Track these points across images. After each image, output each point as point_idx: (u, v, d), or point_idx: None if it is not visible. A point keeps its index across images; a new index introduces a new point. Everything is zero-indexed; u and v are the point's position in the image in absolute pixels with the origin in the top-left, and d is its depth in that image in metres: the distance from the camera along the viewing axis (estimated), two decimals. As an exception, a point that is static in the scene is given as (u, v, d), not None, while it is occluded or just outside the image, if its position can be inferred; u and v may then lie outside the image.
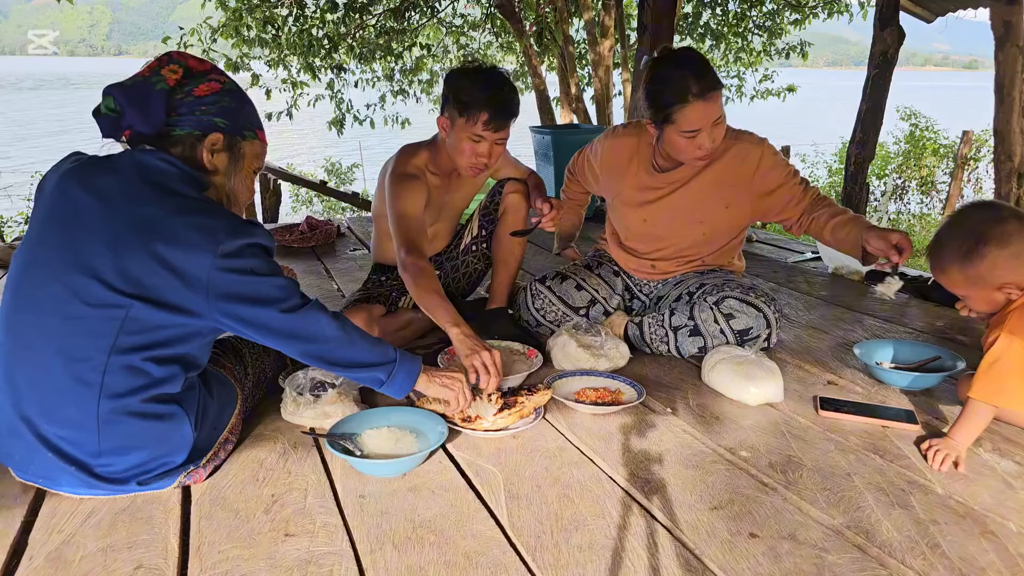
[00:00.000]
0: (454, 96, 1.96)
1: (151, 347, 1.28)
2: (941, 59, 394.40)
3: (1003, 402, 1.49)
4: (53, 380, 1.26)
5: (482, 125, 1.94)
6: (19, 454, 1.33)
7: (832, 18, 8.68)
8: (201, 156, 1.35)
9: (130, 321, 1.25)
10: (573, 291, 2.29)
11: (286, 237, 3.71)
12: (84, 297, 1.24)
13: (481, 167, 2.04)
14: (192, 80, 1.33)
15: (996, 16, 4.20)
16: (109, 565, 1.18)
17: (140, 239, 1.23)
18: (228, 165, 1.40)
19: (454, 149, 2.03)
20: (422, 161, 2.13)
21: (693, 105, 1.86)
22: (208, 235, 1.25)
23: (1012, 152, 4.25)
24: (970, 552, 1.22)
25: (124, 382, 1.27)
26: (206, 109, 1.34)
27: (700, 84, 1.85)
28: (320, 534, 1.27)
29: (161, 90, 1.30)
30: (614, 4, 7.22)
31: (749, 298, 2.03)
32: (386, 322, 2.16)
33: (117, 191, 1.27)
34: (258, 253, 1.31)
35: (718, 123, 1.92)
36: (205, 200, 1.32)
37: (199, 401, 1.40)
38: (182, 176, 1.31)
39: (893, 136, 9.71)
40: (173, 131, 1.33)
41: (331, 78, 8.01)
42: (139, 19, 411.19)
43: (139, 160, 1.30)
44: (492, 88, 1.94)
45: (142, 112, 1.29)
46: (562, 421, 1.71)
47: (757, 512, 1.33)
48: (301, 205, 11.19)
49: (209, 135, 1.35)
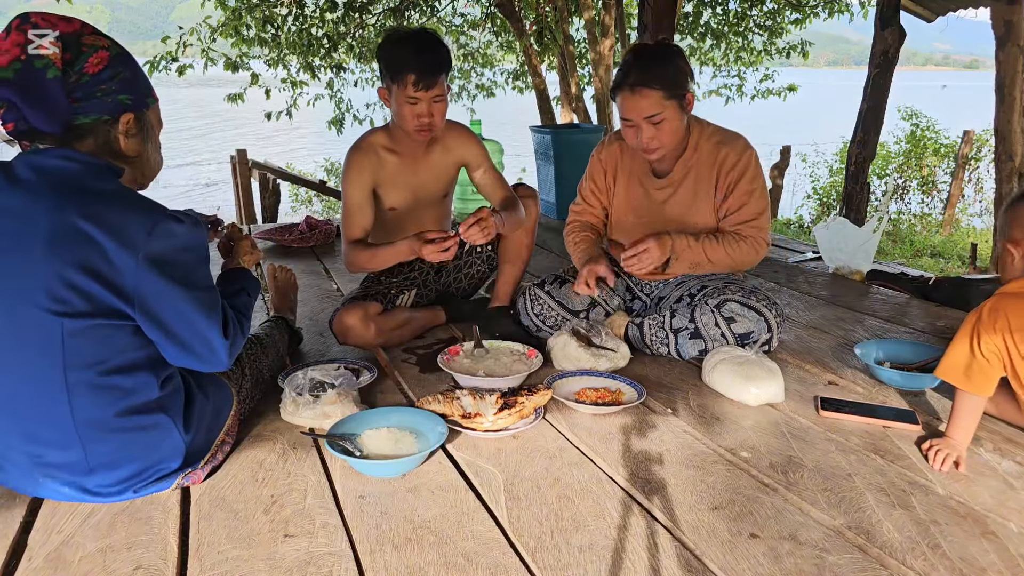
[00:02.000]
0: (384, 64, 1.98)
1: (106, 359, 1.23)
2: (942, 59, 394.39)
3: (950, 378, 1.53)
4: (27, 407, 1.23)
5: (412, 87, 1.94)
6: (13, 480, 1.32)
7: (833, 17, 8.66)
8: (118, 143, 1.26)
9: (70, 338, 1.19)
10: (572, 295, 2.28)
11: (285, 237, 3.71)
12: (19, 320, 1.18)
13: (426, 128, 2.03)
14: (76, 54, 1.18)
15: (997, 16, 4.19)
16: (108, 566, 1.18)
17: (58, 252, 1.15)
18: (143, 144, 1.31)
19: (398, 116, 2.04)
20: (376, 139, 2.15)
21: (623, 94, 1.97)
22: (128, 238, 1.17)
23: (1013, 152, 4.24)
24: (971, 552, 1.22)
25: (93, 400, 1.23)
26: (106, 88, 1.21)
27: (631, 77, 1.94)
28: (320, 535, 1.26)
29: (55, 78, 1.15)
30: (614, 3, 7.21)
31: (751, 302, 2.03)
32: (383, 320, 2.16)
33: (25, 205, 1.17)
34: (181, 253, 1.25)
35: (651, 120, 1.96)
36: (121, 194, 1.22)
37: (190, 404, 1.37)
38: (89, 171, 1.21)
39: (894, 136, 9.71)
40: (77, 120, 1.20)
41: (331, 77, 8.00)
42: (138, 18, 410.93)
43: (39, 164, 1.20)
44: (414, 48, 1.93)
45: (43, 109, 1.16)
46: (562, 421, 1.71)
47: (758, 512, 1.33)
48: (300, 205, 11.19)
49: (120, 117, 1.25)
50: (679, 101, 1.97)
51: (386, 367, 2.07)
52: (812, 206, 9.85)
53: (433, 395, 1.70)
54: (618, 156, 2.24)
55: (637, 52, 1.99)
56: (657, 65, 1.93)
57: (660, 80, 1.91)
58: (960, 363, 1.50)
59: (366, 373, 1.94)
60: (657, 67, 1.92)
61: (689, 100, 1.99)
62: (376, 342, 2.13)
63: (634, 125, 1.98)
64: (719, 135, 2.12)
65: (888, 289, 2.91)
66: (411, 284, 2.33)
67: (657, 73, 1.91)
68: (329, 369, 1.79)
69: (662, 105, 1.93)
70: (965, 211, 9.20)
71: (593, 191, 2.31)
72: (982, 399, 1.50)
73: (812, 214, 9.72)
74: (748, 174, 2.06)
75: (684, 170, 2.12)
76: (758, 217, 2.08)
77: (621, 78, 1.96)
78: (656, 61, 1.94)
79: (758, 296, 2.05)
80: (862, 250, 3.09)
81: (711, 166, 2.10)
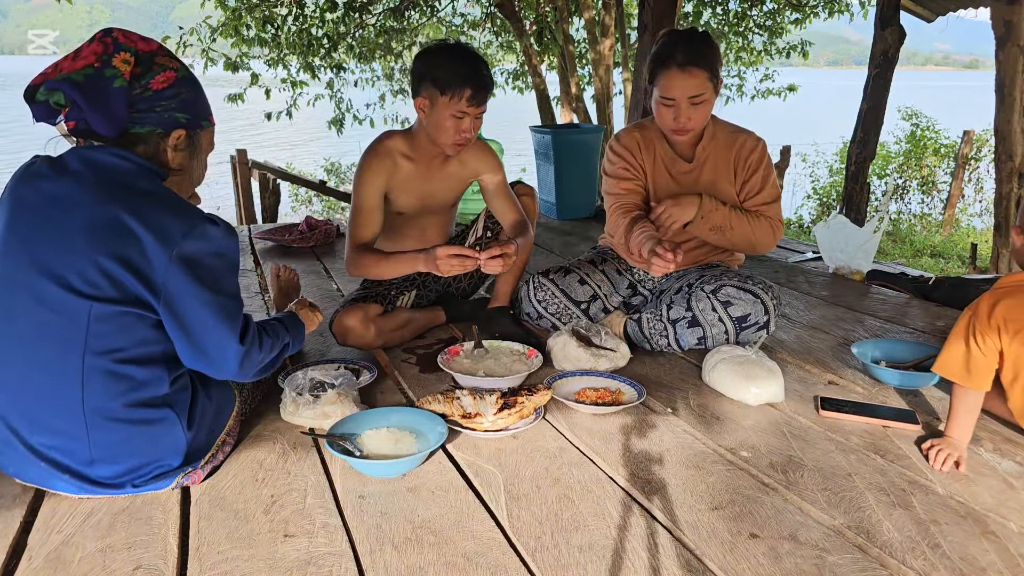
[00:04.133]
0: (434, 76, 1.94)
1: (124, 348, 1.26)
2: (942, 59, 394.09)
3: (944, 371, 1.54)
4: (35, 391, 1.25)
5: (466, 101, 1.94)
6: (13, 465, 1.33)
7: (833, 17, 8.66)
8: (165, 155, 1.32)
9: (95, 323, 1.22)
10: (576, 285, 2.29)
11: (285, 237, 3.71)
12: (48, 303, 1.22)
13: (463, 142, 2.04)
14: (146, 70, 1.26)
15: (997, 16, 4.19)
16: (108, 565, 1.18)
17: (97, 240, 1.20)
18: (189, 159, 1.37)
19: (436, 128, 2.01)
20: (395, 144, 2.12)
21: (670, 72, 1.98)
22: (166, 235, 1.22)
23: (1013, 152, 4.24)
24: (971, 552, 1.22)
25: (105, 388, 1.25)
26: (166, 104, 1.29)
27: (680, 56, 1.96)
28: (320, 535, 1.26)
29: (120, 88, 1.23)
30: (614, 3, 7.20)
31: (747, 285, 2.05)
32: (383, 321, 2.16)
33: (72, 194, 1.23)
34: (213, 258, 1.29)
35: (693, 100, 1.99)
36: (164, 195, 1.27)
37: (194, 403, 1.38)
38: (139, 171, 1.27)
39: (894, 136, 9.71)
40: (133, 128, 1.27)
41: (331, 77, 8.00)
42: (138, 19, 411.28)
43: (92, 158, 1.26)
44: (471, 62, 1.95)
45: (105, 115, 1.22)
46: (562, 421, 1.71)
47: (758, 512, 1.33)
48: (300, 205, 11.19)
49: (172, 132, 1.31)
50: (716, 86, 2.02)
51: (386, 367, 2.07)
52: (812, 206, 9.86)
53: (433, 395, 1.70)
54: (640, 142, 2.23)
55: (680, 34, 2.03)
56: (705, 47, 1.98)
57: (708, 61, 1.97)
58: (958, 358, 1.51)
59: (366, 373, 1.94)
60: (705, 48, 1.98)
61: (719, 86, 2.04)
62: (376, 343, 2.13)
63: (674, 104, 2.01)
64: (731, 125, 2.21)
65: (888, 289, 2.91)
66: (411, 285, 2.33)
67: (706, 53, 1.97)
68: (329, 369, 1.79)
69: (706, 86, 1.99)
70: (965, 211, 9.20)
71: (627, 168, 2.21)
72: (980, 395, 1.51)
73: (812, 214, 9.73)
74: (765, 160, 2.15)
75: (704, 153, 2.18)
76: (775, 201, 2.15)
77: (666, 57, 1.97)
78: (703, 42, 1.99)
79: (754, 280, 2.07)
80: (862, 250, 3.09)
81: (729, 151, 2.16)
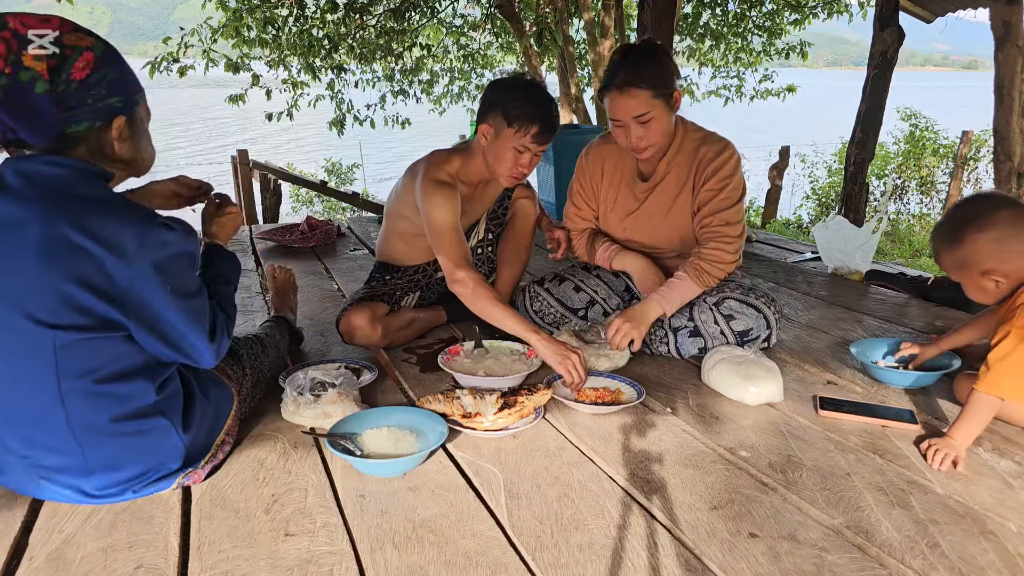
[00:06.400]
0: (504, 106, 1.97)
1: (100, 368, 1.22)
2: (941, 59, 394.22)
3: (1011, 396, 1.49)
4: (24, 413, 1.23)
5: (531, 137, 1.98)
6: (14, 482, 1.33)
7: (832, 18, 8.68)
8: (111, 148, 1.23)
9: (61, 351, 1.18)
10: (571, 293, 2.29)
11: (286, 237, 3.71)
12: (14, 331, 1.17)
13: (520, 177, 2.08)
14: (61, 60, 1.13)
15: (996, 16, 4.20)
16: (109, 565, 1.18)
17: (52, 263, 1.14)
18: (135, 144, 1.28)
19: (496, 158, 2.04)
20: (454, 169, 2.13)
21: (611, 95, 1.96)
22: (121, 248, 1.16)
23: (1012, 152, 4.25)
24: (970, 552, 1.22)
25: (89, 407, 1.23)
26: (95, 93, 1.17)
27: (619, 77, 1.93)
28: (320, 534, 1.27)
29: (43, 93, 1.11)
30: (614, 4, 7.21)
31: (749, 299, 2.04)
32: (389, 321, 2.17)
33: (16, 214, 1.14)
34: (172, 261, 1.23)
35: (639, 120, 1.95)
36: (112, 201, 1.20)
37: (190, 405, 1.38)
38: (79, 177, 1.18)
39: (893, 136, 9.72)
40: (68, 129, 1.17)
41: (331, 78, 8.02)
42: (139, 19, 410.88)
43: (26, 171, 1.16)
44: (544, 103, 1.99)
45: (35, 125, 1.13)
46: (562, 421, 1.71)
47: (757, 512, 1.33)
48: (301, 205, 11.20)
49: (112, 121, 1.21)
50: (666, 100, 1.95)
51: (387, 367, 2.07)
52: (811, 206, 9.87)
53: (433, 395, 1.71)
54: (604, 158, 2.24)
55: (624, 52, 1.99)
56: (644, 65, 1.93)
57: (647, 79, 1.91)
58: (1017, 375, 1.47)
59: (367, 373, 1.94)
60: (644, 67, 1.92)
61: (676, 98, 1.99)
62: (382, 343, 2.15)
63: (623, 125, 1.98)
64: (701, 134, 2.11)
65: (887, 289, 2.91)
66: (415, 286, 2.34)
67: (644, 73, 1.91)
68: (330, 369, 1.80)
69: (650, 104, 1.93)
70: (964, 211, 9.19)
71: (580, 193, 2.30)
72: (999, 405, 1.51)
73: (811, 214, 9.74)
74: (722, 172, 2.03)
75: (666, 168, 2.12)
76: (728, 209, 2.02)
77: (609, 79, 1.96)
78: (643, 60, 1.94)
79: (756, 293, 2.06)
80: (861, 250, 3.09)
81: (691, 164, 2.09)
